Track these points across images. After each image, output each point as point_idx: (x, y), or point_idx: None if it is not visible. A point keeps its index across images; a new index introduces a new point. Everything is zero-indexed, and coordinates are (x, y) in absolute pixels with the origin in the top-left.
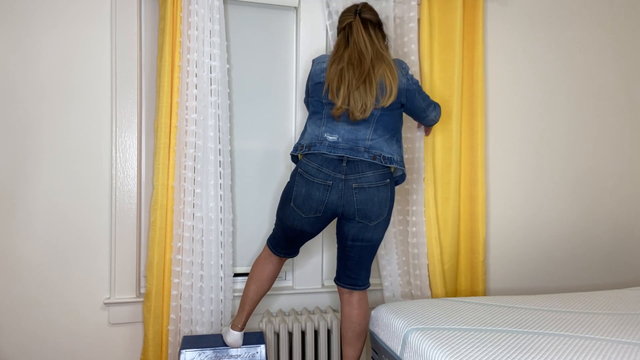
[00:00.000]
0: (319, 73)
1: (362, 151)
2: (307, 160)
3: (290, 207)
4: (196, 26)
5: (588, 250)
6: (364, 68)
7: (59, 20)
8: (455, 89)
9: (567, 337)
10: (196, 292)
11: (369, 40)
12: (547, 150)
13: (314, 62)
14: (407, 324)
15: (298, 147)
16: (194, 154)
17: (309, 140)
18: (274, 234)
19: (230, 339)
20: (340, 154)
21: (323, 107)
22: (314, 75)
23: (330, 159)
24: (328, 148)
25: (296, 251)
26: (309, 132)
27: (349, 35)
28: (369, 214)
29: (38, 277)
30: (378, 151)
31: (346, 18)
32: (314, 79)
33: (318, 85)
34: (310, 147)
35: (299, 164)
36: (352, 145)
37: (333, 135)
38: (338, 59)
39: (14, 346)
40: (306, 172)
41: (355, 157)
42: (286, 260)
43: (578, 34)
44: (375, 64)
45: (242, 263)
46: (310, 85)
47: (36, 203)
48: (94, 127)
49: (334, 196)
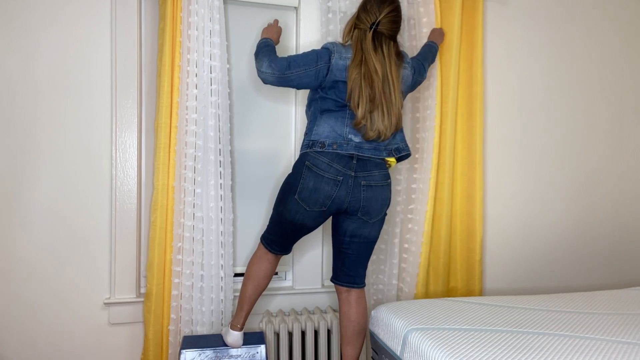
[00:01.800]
0: (342, 69)
1: (381, 150)
2: (317, 154)
3: (293, 200)
4: (196, 26)
5: (588, 250)
6: (375, 91)
7: (59, 19)
8: (451, 89)
9: (567, 337)
10: (197, 292)
11: (377, 60)
12: (546, 151)
13: (333, 51)
14: (407, 324)
15: (317, 144)
16: (194, 154)
17: (333, 139)
18: (269, 231)
19: (230, 339)
20: (364, 155)
21: (345, 108)
22: (335, 70)
23: (341, 155)
24: (355, 149)
25: (290, 248)
26: (329, 130)
27: (363, 44)
28: (371, 211)
29: (38, 277)
30: (392, 146)
31: (365, 22)
32: (336, 75)
33: (340, 84)
34: (336, 147)
35: (306, 157)
36: (375, 146)
37: (357, 137)
38: (357, 68)
39: (14, 346)
40: (315, 166)
41: (372, 156)
42: (281, 257)
43: (578, 34)
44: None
45: (243, 263)
46: (328, 79)
47: (36, 203)
48: (94, 127)
49: (342, 192)
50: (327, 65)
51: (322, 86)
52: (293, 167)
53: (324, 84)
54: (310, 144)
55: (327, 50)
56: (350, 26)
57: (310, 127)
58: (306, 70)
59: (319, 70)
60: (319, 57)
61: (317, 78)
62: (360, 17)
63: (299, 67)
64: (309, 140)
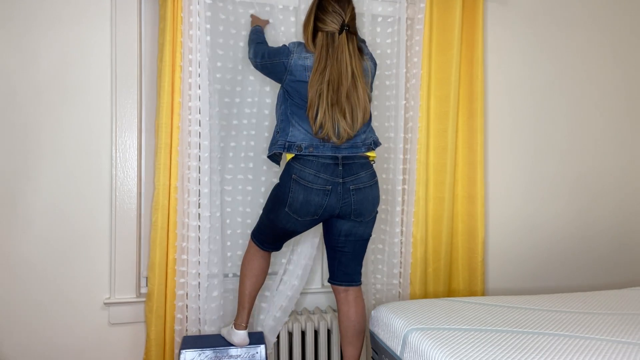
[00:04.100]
0: (302, 70)
1: (359, 146)
2: (301, 165)
3: (284, 212)
4: (198, 26)
5: (588, 250)
6: (340, 93)
7: (59, 20)
8: (452, 89)
9: (567, 337)
10: (203, 291)
11: (350, 60)
12: (547, 150)
13: (292, 50)
14: (407, 324)
15: (294, 146)
16: (198, 154)
17: (309, 142)
18: (260, 231)
19: (237, 339)
20: (343, 154)
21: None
22: (294, 70)
23: (326, 164)
24: (332, 149)
25: (281, 246)
26: (304, 133)
27: (330, 48)
28: (364, 212)
29: (38, 277)
30: (369, 139)
31: (330, 24)
32: (295, 75)
33: (301, 84)
34: (312, 149)
35: (292, 169)
36: (352, 143)
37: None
38: (321, 77)
39: (13, 346)
40: (302, 179)
41: (354, 155)
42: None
43: (578, 34)
44: (350, 91)
45: None
46: (288, 79)
47: (36, 203)
48: (94, 127)
49: (333, 200)
50: (284, 62)
51: (285, 86)
52: (280, 178)
53: (286, 83)
54: (286, 145)
55: (286, 48)
56: (311, 30)
57: (283, 127)
58: (272, 62)
59: (277, 65)
60: (279, 52)
61: (272, 72)
62: (322, 19)
63: (269, 57)
64: (285, 141)
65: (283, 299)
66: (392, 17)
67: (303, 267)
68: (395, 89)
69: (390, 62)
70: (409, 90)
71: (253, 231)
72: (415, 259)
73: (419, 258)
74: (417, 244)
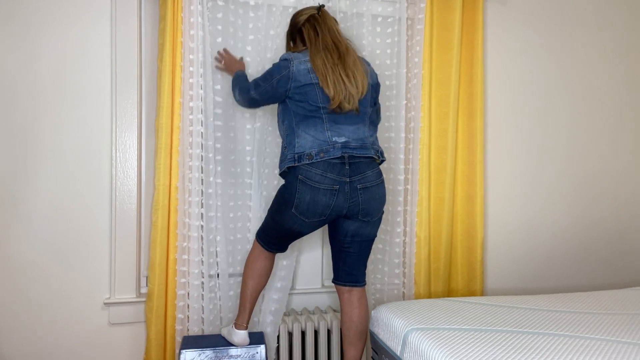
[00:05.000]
0: (305, 74)
1: (368, 148)
2: (308, 167)
3: (290, 214)
4: (198, 26)
5: (588, 250)
6: (341, 53)
7: (59, 20)
8: (452, 89)
9: (567, 337)
10: (207, 291)
11: (337, 29)
12: (547, 151)
13: (291, 59)
14: (407, 324)
15: (304, 156)
16: (200, 154)
17: (318, 147)
18: (266, 232)
19: (238, 339)
20: (353, 153)
21: (319, 111)
22: (298, 76)
23: (333, 163)
24: (342, 149)
25: (287, 247)
26: (312, 139)
27: (316, 25)
28: (372, 211)
29: (38, 277)
30: (377, 147)
31: (305, 14)
32: (300, 80)
33: (308, 88)
34: (324, 154)
35: (298, 170)
36: (361, 144)
37: (341, 137)
38: (316, 50)
39: (14, 346)
40: (309, 179)
41: (362, 155)
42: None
43: (578, 34)
44: (344, 54)
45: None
46: (293, 86)
47: (36, 203)
48: (94, 127)
49: (340, 199)
50: (287, 75)
51: (289, 96)
52: (286, 181)
53: (290, 93)
54: (296, 157)
55: (285, 60)
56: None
57: (289, 140)
58: (266, 86)
59: (278, 81)
60: (276, 70)
61: (276, 90)
62: (298, 20)
63: (260, 86)
64: (294, 153)
65: (271, 303)
66: (392, 17)
67: (285, 267)
68: (396, 89)
69: (390, 62)
70: (410, 90)
71: (258, 231)
72: (419, 259)
73: (423, 258)
74: (420, 244)
